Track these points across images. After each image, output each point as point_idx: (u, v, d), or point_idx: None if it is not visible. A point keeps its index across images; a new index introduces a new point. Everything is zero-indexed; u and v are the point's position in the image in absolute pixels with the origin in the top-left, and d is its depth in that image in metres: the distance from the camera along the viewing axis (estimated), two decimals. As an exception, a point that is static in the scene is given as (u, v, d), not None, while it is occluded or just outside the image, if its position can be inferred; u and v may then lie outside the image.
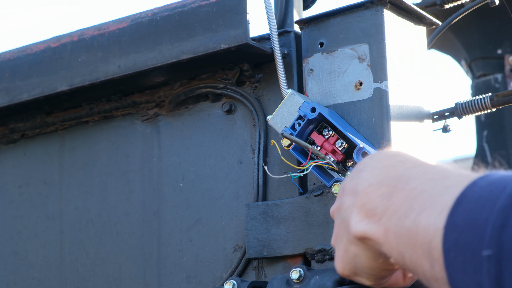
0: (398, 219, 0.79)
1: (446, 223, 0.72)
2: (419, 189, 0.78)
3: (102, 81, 1.38)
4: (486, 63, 2.26)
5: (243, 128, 1.32)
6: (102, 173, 1.46)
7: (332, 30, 1.25)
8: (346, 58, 1.22)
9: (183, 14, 1.32)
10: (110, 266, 1.42)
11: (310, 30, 1.27)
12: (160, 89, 1.41)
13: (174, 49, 1.31)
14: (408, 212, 0.78)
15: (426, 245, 0.74)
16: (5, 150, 1.60)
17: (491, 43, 2.25)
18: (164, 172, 1.39)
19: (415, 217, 0.76)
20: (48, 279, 1.49)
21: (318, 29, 1.26)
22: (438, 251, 0.72)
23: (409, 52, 1.26)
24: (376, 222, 0.83)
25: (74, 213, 1.48)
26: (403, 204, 0.79)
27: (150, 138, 1.42)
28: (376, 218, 0.83)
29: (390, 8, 1.22)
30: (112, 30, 1.39)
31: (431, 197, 0.76)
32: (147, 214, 1.40)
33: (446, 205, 0.73)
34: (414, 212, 0.77)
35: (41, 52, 1.46)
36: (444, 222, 0.72)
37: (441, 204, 0.74)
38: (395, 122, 1.19)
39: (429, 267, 0.74)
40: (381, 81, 1.19)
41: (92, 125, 1.50)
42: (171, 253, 1.36)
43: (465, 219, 0.71)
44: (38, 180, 1.54)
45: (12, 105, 1.49)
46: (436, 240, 0.73)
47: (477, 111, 1.36)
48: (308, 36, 1.27)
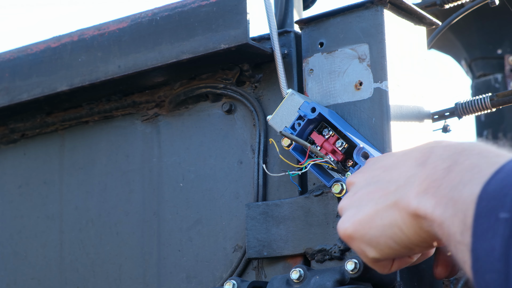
0: (449, 190, 0.80)
1: (480, 192, 0.74)
2: (474, 164, 0.80)
3: (102, 81, 1.38)
4: (486, 63, 2.25)
5: (243, 128, 1.32)
6: (102, 173, 1.46)
7: (332, 30, 1.25)
8: (346, 58, 1.22)
9: (183, 14, 1.32)
10: (110, 266, 1.42)
11: (310, 30, 1.27)
12: (160, 89, 1.41)
13: (174, 49, 1.31)
14: (458, 184, 0.79)
15: (462, 213, 0.76)
16: (5, 150, 1.60)
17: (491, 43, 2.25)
18: (164, 172, 1.39)
19: (461, 188, 0.78)
20: (48, 279, 1.49)
21: (318, 29, 1.26)
22: (470, 218, 0.74)
23: (409, 52, 1.26)
24: (433, 194, 0.83)
25: (74, 213, 1.48)
26: (457, 177, 0.80)
27: (150, 138, 1.42)
28: (433, 190, 0.83)
29: (390, 8, 1.22)
30: (112, 30, 1.39)
31: (480, 171, 0.78)
32: (147, 214, 1.40)
33: (487, 176, 0.75)
34: (462, 184, 0.78)
35: (41, 52, 1.46)
36: (479, 191, 0.74)
37: (484, 176, 0.76)
38: (395, 122, 1.19)
39: (460, 236, 0.76)
40: (381, 81, 1.19)
41: (92, 125, 1.50)
42: (171, 253, 1.36)
43: (496, 187, 0.73)
44: (38, 180, 1.54)
45: (12, 105, 1.49)
46: (470, 208, 0.75)
47: (477, 111, 1.36)
48: (308, 36, 1.27)
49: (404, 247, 0.91)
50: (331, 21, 1.25)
